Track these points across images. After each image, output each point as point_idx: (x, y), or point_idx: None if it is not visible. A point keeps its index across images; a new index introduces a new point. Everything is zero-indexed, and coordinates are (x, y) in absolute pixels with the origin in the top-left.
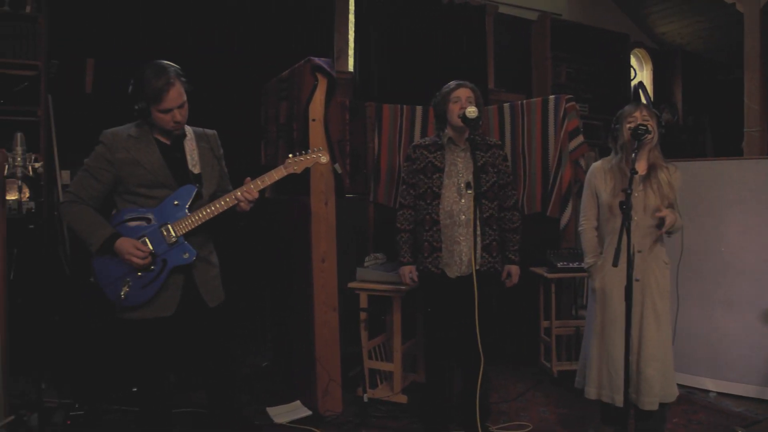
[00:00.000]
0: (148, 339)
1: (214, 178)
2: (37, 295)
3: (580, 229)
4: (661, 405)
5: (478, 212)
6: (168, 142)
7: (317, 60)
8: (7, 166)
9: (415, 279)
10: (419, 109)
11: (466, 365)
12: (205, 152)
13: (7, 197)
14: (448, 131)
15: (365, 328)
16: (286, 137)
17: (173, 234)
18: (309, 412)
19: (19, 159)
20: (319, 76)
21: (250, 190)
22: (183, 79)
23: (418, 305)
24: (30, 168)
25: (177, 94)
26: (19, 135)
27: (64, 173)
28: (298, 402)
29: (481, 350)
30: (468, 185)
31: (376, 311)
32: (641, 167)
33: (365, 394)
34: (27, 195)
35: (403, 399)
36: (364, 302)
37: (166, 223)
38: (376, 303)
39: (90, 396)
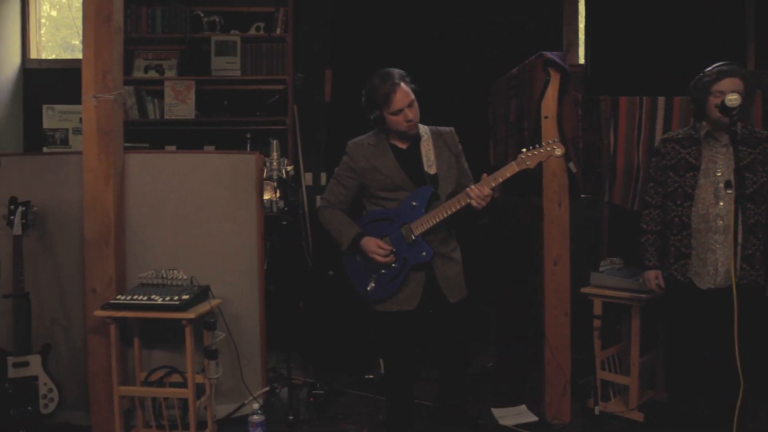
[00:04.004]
0: (393, 330)
1: (452, 177)
2: (286, 283)
3: None
4: None
5: (740, 217)
6: (404, 147)
7: (549, 54)
8: (265, 170)
9: (662, 285)
10: (661, 100)
11: (719, 388)
12: (442, 151)
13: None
14: (707, 124)
15: (599, 337)
16: (516, 136)
17: (412, 234)
18: (535, 418)
19: (275, 163)
20: (552, 71)
21: (481, 187)
22: (407, 80)
23: (660, 316)
24: (284, 171)
25: (403, 94)
26: (275, 142)
27: (307, 175)
28: (523, 406)
29: (741, 373)
30: (728, 184)
31: (611, 319)
32: None
33: (596, 407)
34: (278, 195)
35: (638, 416)
36: (598, 309)
37: (405, 224)
38: (612, 310)
39: (329, 377)
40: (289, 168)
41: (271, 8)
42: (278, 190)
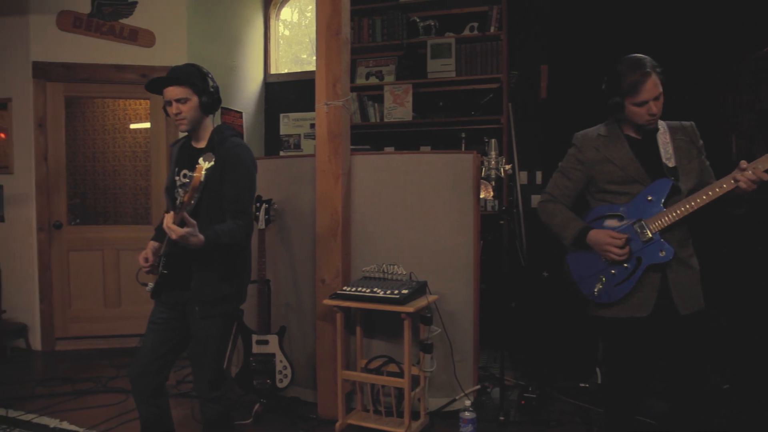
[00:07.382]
0: (621, 338)
1: (693, 172)
2: (498, 282)
3: None
4: None
5: None
6: (639, 137)
7: None
8: (483, 169)
9: None
10: None
11: None
12: (682, 145)
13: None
14: None
15: None
16: None
17: (647, 231)
18: None
19: (493, 162)
20: None
21: (757, 169)
22: (658, 70)
23: None
24: (501, 170)
25: (653, 86)
26: (493, 141)
27: (522, 174)
28: None
29: None
30: None
31: None
32: None
33: None
34: (491, 194)
35: None
36: None
37: (640, 220)
38: None
39: (541, 381)
40: (507, 167)
41: (484, 7)
42: (493, 189)
